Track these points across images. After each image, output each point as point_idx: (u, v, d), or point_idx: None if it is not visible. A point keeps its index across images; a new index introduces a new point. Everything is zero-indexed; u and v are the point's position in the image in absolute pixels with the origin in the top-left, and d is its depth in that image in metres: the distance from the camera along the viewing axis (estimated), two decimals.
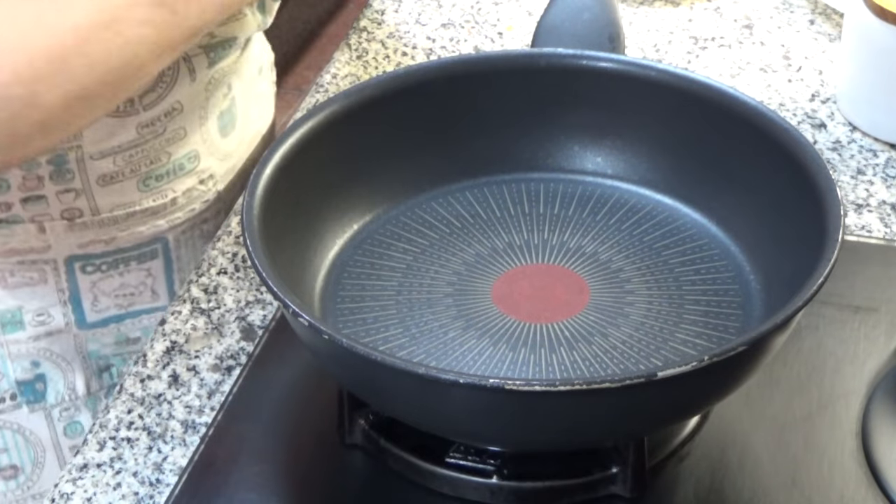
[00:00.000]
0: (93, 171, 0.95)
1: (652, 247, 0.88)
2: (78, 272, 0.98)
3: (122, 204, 0.97)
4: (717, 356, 0.70)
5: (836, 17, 1.23)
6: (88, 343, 1.00)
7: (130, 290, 1.01)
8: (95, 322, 1.00)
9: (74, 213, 0.96)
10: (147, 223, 0.99)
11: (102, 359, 1.01)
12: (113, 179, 0.96)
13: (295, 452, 0.83)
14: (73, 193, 0.95)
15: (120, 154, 0.95)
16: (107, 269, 0.99)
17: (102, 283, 0.99)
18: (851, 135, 1.08)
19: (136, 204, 0.98)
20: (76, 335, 1.00)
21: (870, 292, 0.91)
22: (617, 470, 0.77)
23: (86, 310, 0.99)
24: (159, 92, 0.95)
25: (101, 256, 0.98)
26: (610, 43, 1.08)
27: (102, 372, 1.01)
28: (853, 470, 0.79)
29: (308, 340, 0.76)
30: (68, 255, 0.97)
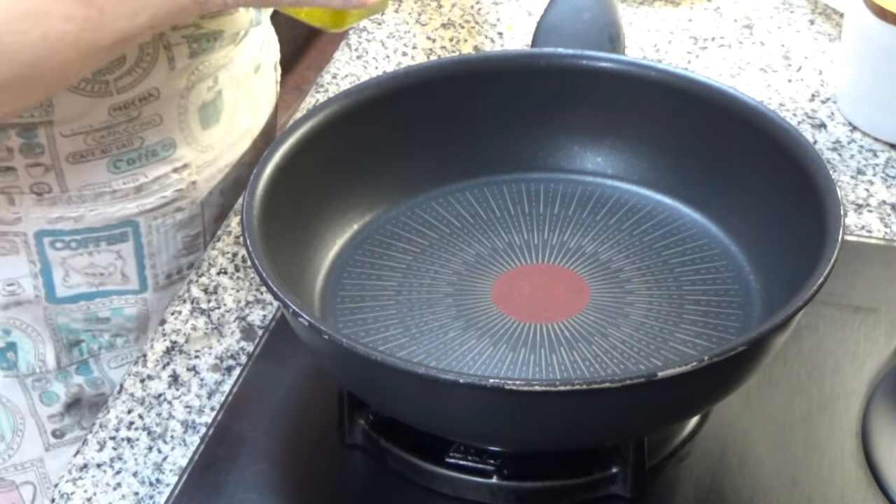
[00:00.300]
0: (63, 147, 0.94)
1: (652, 247, 0.88)
2: (48, 247, 0.97)
3: (91, 183, 0.96)
4: (717, 356, 0.70)
5: (836, 17, 1.23)
6: (58, 316, 1.00)
7: (100, 271, 1.00)
8: (65, 297, 0.99)
9: (43, 187, 0.95)
10: (116, 205, 0.98)
11: (72, 333, 1.00)
12: (83, 158, 0.95)
13: (295, 452, 0.83)
14: (42, 168, 0.94)
15: (91, 134, 0.94)
16: (76, 246, 0.98)
17: (72, 259, 0.99)
18: (851, 135, 1.08)
19: (106, 185, 0.97)
20: (46, 308, 0.99)
21: (870, 292, 0.91)
22: (617, 470, 0.77)
23: (56, 284, 0.99)
24: (135, 76, 0.94)
25: (70, 234, 0.97)
26: (610, 43, 1.08)
27: (72, 346, 1.01)
28: (853, 470, 0.79)
29: (308, 340, 0.76)
30: (38, 230, 0.97)
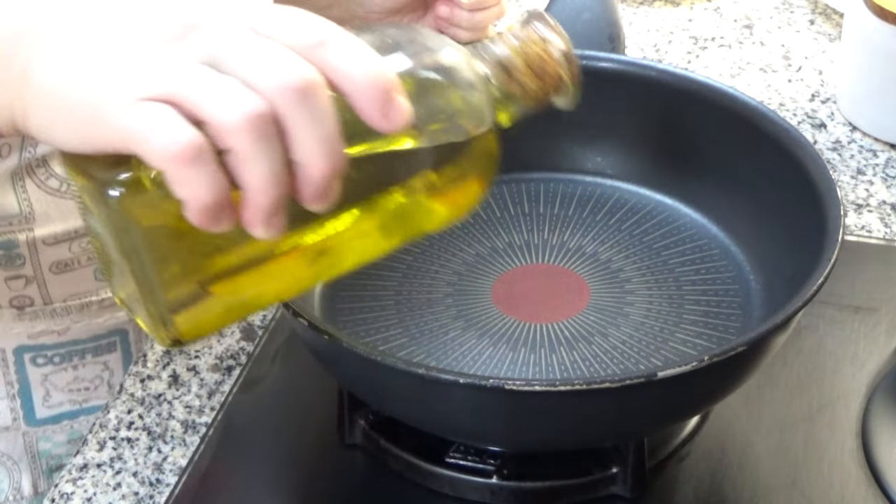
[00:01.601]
0: (46, 257, 0.88)
1: (652, 247, 0.88)
2: (28, 364, 0.91)
3: (76, 294, 0.90)
4: (717, 356, 0.70)
5: (836, 17, 1.23)
6: (39, 442, 0.94)
7: (85, 385, 0.93)
8: (46, 418, 0.93)
9: (24, 301, 0.89)
10: (104, 315, 0.92)
11: (54, 458, 0.94)
12: (68, 267, 0.89)
13: (295, 452, 0.83)
14: (23, 280, 0.88)
15: (76, 240, 0.89)
16: (59, 361, 0.92)
17: (54, 376, 0.92)
18: (851, 135, 1.08)
19: (93, 294, 0.91)
20: (25, 433, 0.93)
21: (870, 292, 0.91)
22: (617, 470, 0.77)
23: (36, 405, 0.93)
24: None
25: (54, 348, 0.91)
26: (610, 43, 1.08)
27: (53, 472, 0.95)
28: (853, 470, 0.79)
29: (308, 340, 0.76)
30: (18, 346, 0.91)
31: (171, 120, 0.53)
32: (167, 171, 0.53)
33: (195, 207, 0.54)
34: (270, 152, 0.54)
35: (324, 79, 0.55)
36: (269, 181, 0.54)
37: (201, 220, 0.54)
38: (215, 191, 0.54)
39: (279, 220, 0.55)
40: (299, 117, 0.54)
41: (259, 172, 0.54)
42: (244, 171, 0.54)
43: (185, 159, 0.53)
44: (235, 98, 0.53)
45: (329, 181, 0.55)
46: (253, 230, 0.55)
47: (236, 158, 0.54)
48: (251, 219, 0.55)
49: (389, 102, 0.56)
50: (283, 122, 0.54)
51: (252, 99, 0.53)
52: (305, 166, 0.55)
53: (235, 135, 0.53)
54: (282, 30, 0.55)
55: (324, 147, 0.55)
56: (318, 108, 0.54)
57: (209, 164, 0.53)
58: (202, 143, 0.53)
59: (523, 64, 0.63)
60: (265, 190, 0.54)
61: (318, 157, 0.55)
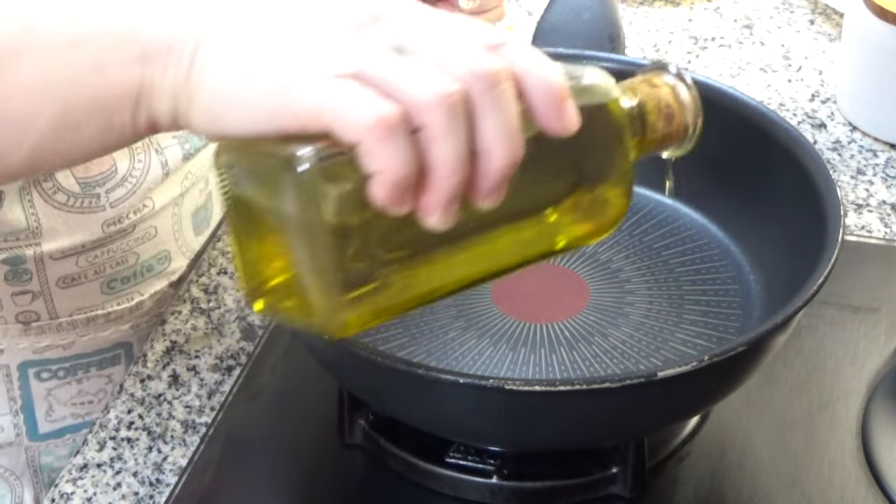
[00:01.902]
0: (52, 272, 0.88)
1: (652, 247, 0.88)
2: (32, 379, 0.91)
3: (83, 308, 0.90)
4: (717, 356, 0.70)
5: (836, 17, 1.23)
6: (41, 456, 0.93)
7: (89, 398, 0.93)
8: (49, 433, 0.93)
9: (31, 316, 0.89)
10: (110, 328, 0.92)
11: (55, 471, 0.92)
12: (74, 281, 0.89)
13: (295, 452, 0.83)
14: (29, 295, 0.88)
15: (83, 254, 0.88)
16: (64, 375, 0.91)
17: (58, 390, 0.92)
18: (851, 135, 1.08)
19: (99, 307, 0.91)
20: (28, 447, 0.93)
21: (870, 292, 0.91)
22: (617, 470, 0.77)
23: (38, 420, 0.92)
24: (128, 187, 0.88)
25: (58, 362, 0.91)
26: (610, 43, 1.08)
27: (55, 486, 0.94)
28: (853, 470, 0.79)
29: (308, 340, 0.76)
30: (22, 361, 0.90)
31: (368, 93, 0.54)
32: (363, 141, 0.54)
33: (385, 181, 0.54)
34: (460, 133, 0.55)
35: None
36: (457, 163, 0.55)
37: (389, 195, 0.55)
38: (406, 165, 0.54)
39: (454, 209, 0.56)
40: (488, 104, 0.55)
41: (448, 152, 0.55)
42: (434, 149, 0.55)
43: (381, 130, 0.54)
44: (430, 77, 0.55)
45: (507, 172, 0.56)
46: (430, 216, 0.56)
47: (428, 136, 0.55)
48: (432, 202, 0.56)
49: (564, 106, 0.58)
50: (473, 108, 0.55)
51: (445, 80, 0.55)
52: (489, 153, 0.56)
53: (429, 112, 0.54)
54: (463, 27, 0.57)
55: (507, 136, 0.56)
56: (505, 98, 0.56)
57: (403, 138, 0.54)
58: (399, 116, 0.54)
59: (655, 106, 0.65)
60: (451, 172, 0.55)
61: (500, 145, 0.56)
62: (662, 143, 0.67)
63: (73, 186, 0.86)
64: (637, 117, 0.65)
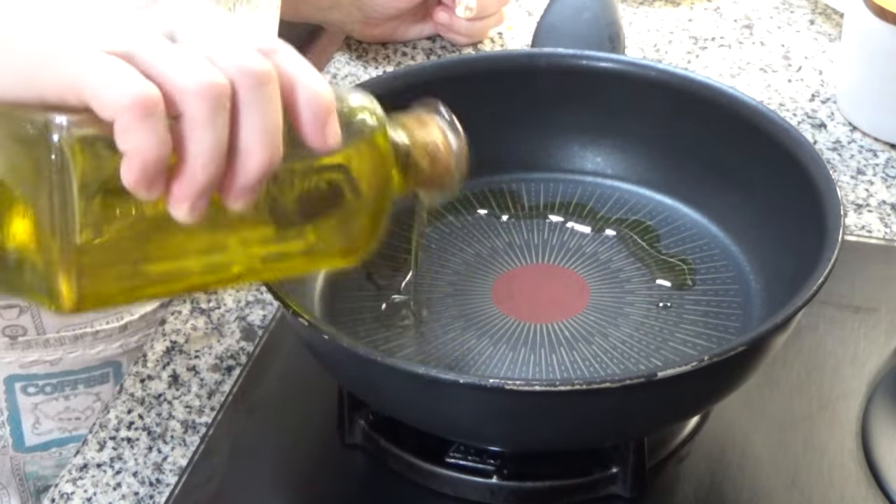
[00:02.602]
0: None
1: (651, 247, 0.88)
2: (19, 392, 0.90)
3: (70, 325, 0.90)
4: (717, 356, 0.70)
5: (836, 17, 1.23)
6: (27, 465, 0.93)
7: (76, 415, 0.93)
8: (35, 445, 0.93)
9: (17, 330, 0.88)
10: (98, 346, 0.91)
11: (41, 479, 0.94)
12: None
13: (295, 452, 0.83)
14: (16, 309, 0.88)
15: None
16: (51, 391, 0.91)
17: (45, 405, 0.92)
18: (851, 135, 1.08)
19: (87, 325, 0.90)
20: (13, 457, 0.93)
21: (870, 292, 0.91)
22: (617, 470, 0.77)
23: (25, 432, 0.92)
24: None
25: (45, 378, 0.91)
26: (610, 43, 1.08)
27: (41, 493, 0.94)
28: (853, 470, 0.79)
29: (308, 340, 0.76)
30: (9, 375, 0.90)
31: (129, 72, 0.54)
32: (117, 119, 0.53)
33: (135, 163, 0.54)
34: (219, 126, 0.54)
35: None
36: (211, 155, 0.55)
37: (137, 178, 0.54)
38: (158, 149, 0.53)
39: (203, 205, 0.56)
40: (253, 102, 0.55)
41: (205, 143, 0.54)
42: (190, 139, 0.54)
43: (137, 110, 0.53)
44: (196, 66, 0.54)
45: (262, 175, 0.56)
46: (177, 208, 0.55)
47: (186, 124, 0.54)
48: (181, 193, 0.55)
49: (329, 122, 0.57)
50: (236, 105, 0.55)
51: (212, 71, 0.54)
52: (246, 153, 0.55)
53: (192, 100, 0.54)
54: (239, 29, 0.56)
55: (267, 139, 0.55)
56: (271, 98, 0.55)
57: (159, 121, 0.54)
58: (157, 99, 0.53)
59: (422, 145, 0.65)
60: (205, 164, 0.55)
61: (259, 146, 0.55)
62: (424, 184, 0.66)
63: None
64: (402, 152, 0.64)
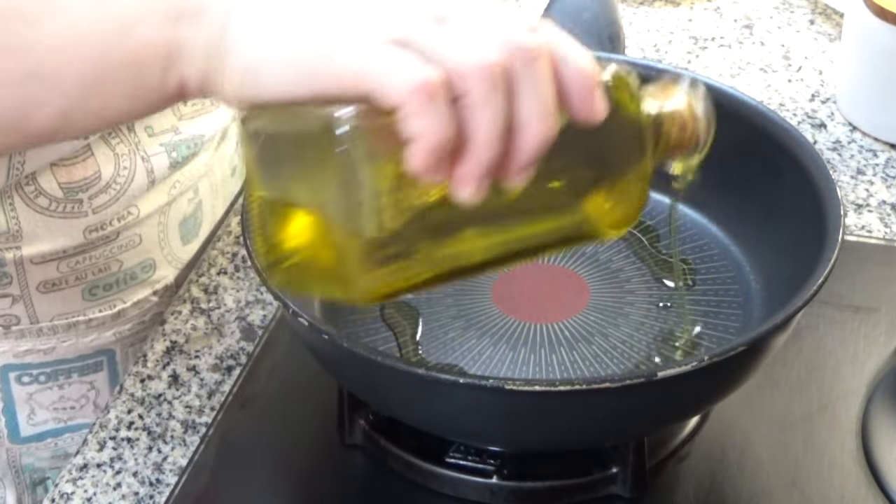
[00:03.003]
0: (33, 276, 0.87)
1: (652, 246, 0.88)
2: (13, 382, 0.90)
3: (63, 313, 0.89)
4: (717, 356, 0.70)
5: (836, 17, 1.23)
6: (23, 457, 0.93)
7: (71, 404, 0.93)
8: (31, 436, 0.93)
9: (11, 320, 0.88)
10: (91, 335, 0.91)
11: (37, 472, 0.94)
12: (55, 286, 0.87)
13: (295, 452, 0.83)
14: (9, 299, 0.87)
15: (64, 260, 0.87)
16: (45, 380, 0.91)
17: (39, 395, 0.91)
18: (851, 135, 1.08)
19: (80, 314, 0.90)
20: (9, 449, 0.93)
21: (870, 292, 0.91)
22: (617, 470, 0.77)
23: (21, 422, 0.92)
24: (111, 194, 0.86)
25: (39, 367, 0.90)
26: (610, 43, 1.08)
27: (36, 486, 0.94)
28: (853, 470, 0.79)
29: (308, 340, 0.76)
30: (3, 364, 0.90)
31: (412, 58, 0.55)
32: (405, 104, 0.54)
33: (423, 146, 0.55)
34: (500, 103, 0.55)
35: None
36: (494, 132, 0.56)
37: (425, 161, 0.55)
38: (445, 131, 0.55)
39: (486, 184, 0.57)
40: (526, 78, 0.56)
41: (488, 121, 0.55)
42: (474, 117, 0.55)
43: (423, 94, 0.54)
44: (473, 46, 0.55)
45: (541, 148, 0.57)
46: (463, 188, 0.56)
47: (468, 104, 0.55)
48: (467, 173, 0.56)
49: (594, 94, 0.58)
50: (512, 81, 0.56)
51: (490, 49, 0.55)
52: (525, 127, 0.56)
53: (472, 79, 0.55)
54: (503, 7, 0.58)
55: (543, 111, 0.56)
56: (543, 74, 0.56)
57: (444, 104, 0.55)
58: (441, 82, 0.54)
59: (670, 115, 0.66)
60: (489, 142, 0.55)
61: (537, 120, 0.56)
62: (673, 153, 0.68)
63: (56, 191, 0.85)
64: (655, 122, 0.65)
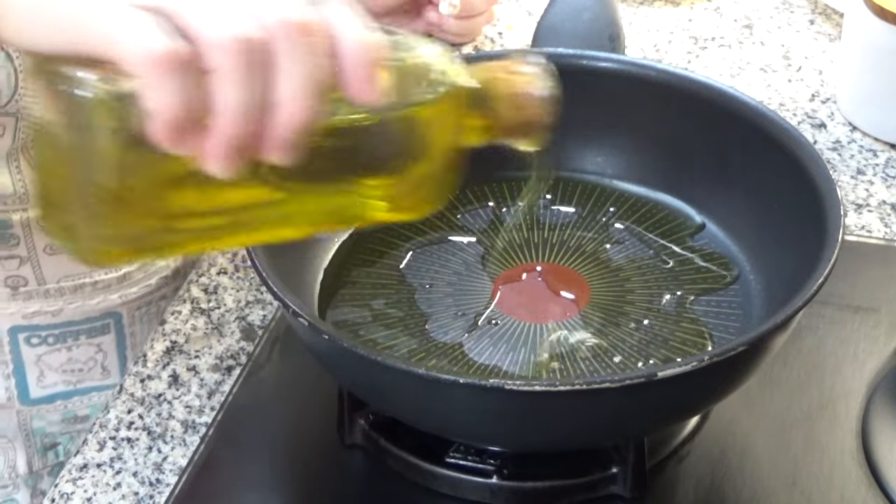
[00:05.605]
0: (40, 238, 0.88)
1: (651, 246, 0.88)
2: (22, 344, 0.92)
3: (70, 275, 0.91)
4: (717, 356, 0.70)
5: (836, 17, 1.23)
6: (33, 420, 0.94)
7: (79, 366, 0.94)
8: (40, 398, 0.94)
9: (18, 281, 0.89)
10: (97, 297, 0.92)
11: (48, 437, 0.95)
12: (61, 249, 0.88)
13: (295, 452, 0.83)
14: (17, 260, 0.89)
15: None
16: (53, 342, 0.92)
17: (48, 356, 0.93)
18: (851, 135, 1.08)
19: (86, 276, 0.91)
20: (19, 411, 0.94)
21: (870, 292, 0.91)
22: (617, 470, 0.77)
23: (30, 384, 0.93)
24: None
25: (48, 329, 0.92)
26: (610, 43, 1.08)
27: (48, 450, 0.96)
28: (853, 470, 0.79)
29: (308, 340, 0.76)
30: (12, 326, 0.91)
31: (155, 28, 0.53)
32: (143, 75, 0.53)
33: (160, 119, 0.53)
34: (252, 81, 0.53)
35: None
36: (243, 111, 0.54)
37: (164, 134, 0.53)
38: (184, 106, 0.53)
39: (237, 160, 0.55)
40: (292, 54, 0.54)
41: (235, 98, 0.53)
42: (220, 94, 0.53)
43: (161, 67, 0.52)
44: (231, 19, 0.53)
45: (299, 130, 0.55)
46: (210, 163, 0.55)
47: (216, 79, 0.53)
48: (212, 149, 0.54)
49: (370, 73, 0.56)
50: (275, 57, 0.54)
51: (245, 24, 0.53)
52: (280, 106, 0.54)
53: (221, 54, 0.53)
54: None
55: (305, 91, 0.54)
56: (312, 51, 0.54)
57: (184, 77, 0.53)
58: (182, 55, 0.53)
59: (506, 93, 0.63)
60: (236, 120, 0.54)
61: (292, 100, 0.54)
62: (509, 133, 0.64)
63: None
64: (480, 101, 0.62)
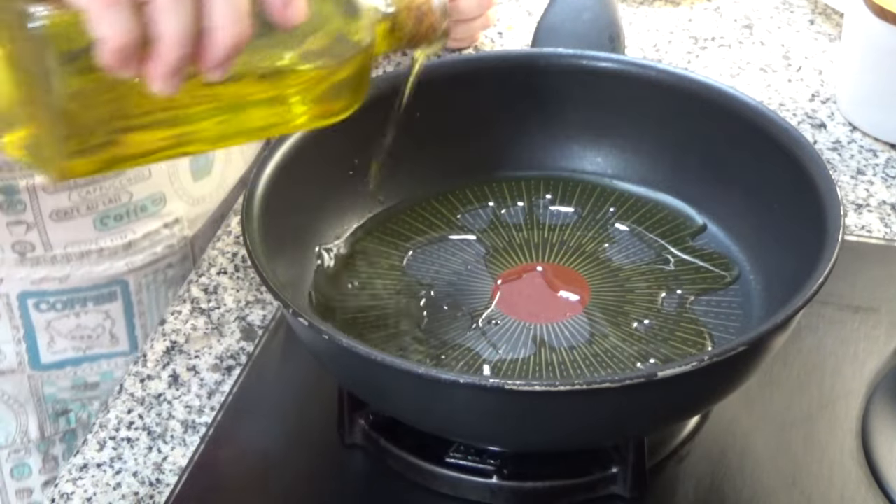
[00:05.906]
0: (46, 204, 0.90)
1: (652, 246, 0.88)
2: (31, 309, 0.93)
3: (76, 241, 0.92)
4: (717, 356, 0.70)
5: (836, 17, 1.23)
6: (44, 386, 0.96)
7: (88, 333, 0.96)
8: (50, 364, 0.95)
9: (26, 246, 0.91)
10: (104, 264, 0.94)
11: (59, 403, 0.96)
12: (67, 215, 0.91)
13: (295, 452, 0.83)
14: (24, 226, 0.90)
15: (75, 189, 0.91)
16: (62, 308, 0.94)
17: (58, 322, 0.94)
18: (851, 135, 1.08)
19: (92, 243, 0.93)
20: (31, 376, 0.95)
21: (870, 292, 0.91)
22: (617, 470, 0.77)
23: (41, 349, 0.94)
24: None
25: (56, 294, 0.93)
26: (610, 43, 1.08)
27: (59, 416, 0.97)
28: (853, 470, 0.79)
29: (308, 340, 0.76)
30: (21, 291, 0.93)
31: None
32: (88, 8, 0.59)
33: (108, 47, 0.60)
34: (186, 9, 0.60)
35: None
36: (180, 36, 0.60)
37: (112, 60, 0.60)
38: (129, 34, 0.59)
39: (178, 79, 0.62)
40: None
41: (173, 25, 0.60)
42: (159, 23, 0.60)
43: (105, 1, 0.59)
44: None
45: (232, 51, 0.62)
46: (153, 83, 0.62)
47: (153, 9, 0.60)
48: (155, 72, 0.61)
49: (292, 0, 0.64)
50: None
51: None
52: (215, 31, 0.61)
53: None
54: None
55: (234, 16, 0.61)
56: None
57: (127, 8, 0.59)
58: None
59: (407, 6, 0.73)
60: (174, 45, 0.61)
61: (228, 25, 0.61)
62: (411, 42, 0.75)
63: None
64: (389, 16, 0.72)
